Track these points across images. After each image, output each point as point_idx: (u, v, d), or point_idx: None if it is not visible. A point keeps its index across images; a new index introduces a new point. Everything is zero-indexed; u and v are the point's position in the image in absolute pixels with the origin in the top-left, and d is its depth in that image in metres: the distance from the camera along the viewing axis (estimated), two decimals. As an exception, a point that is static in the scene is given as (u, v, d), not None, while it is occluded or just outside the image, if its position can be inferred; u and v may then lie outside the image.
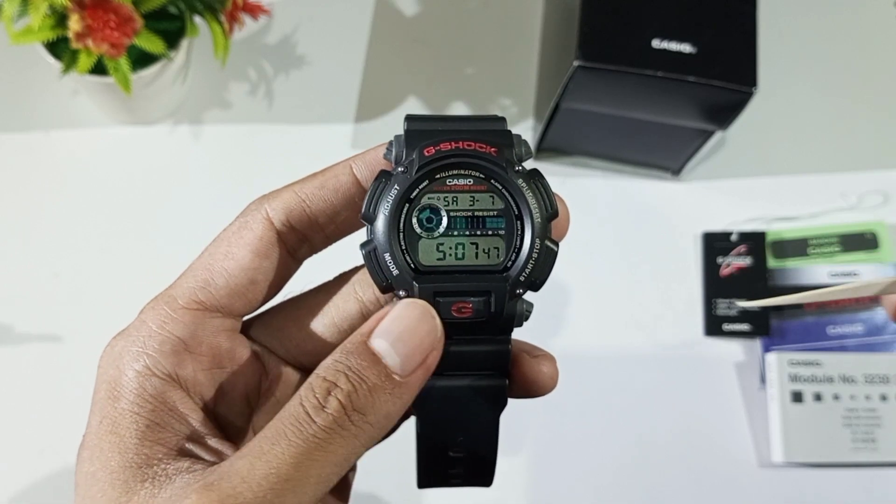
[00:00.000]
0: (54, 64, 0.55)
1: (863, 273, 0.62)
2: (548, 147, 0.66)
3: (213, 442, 0.26)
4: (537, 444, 0.59)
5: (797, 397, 0.58)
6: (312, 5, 0.69)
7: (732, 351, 0.62)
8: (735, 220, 0.64)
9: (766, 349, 0.60)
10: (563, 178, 0.66)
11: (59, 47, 0.55)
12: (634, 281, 0.63)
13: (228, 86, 0.66)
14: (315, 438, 0.22)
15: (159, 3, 0.54)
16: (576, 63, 0.55)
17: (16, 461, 0.56)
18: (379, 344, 0.23)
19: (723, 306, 0.62)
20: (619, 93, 0.57)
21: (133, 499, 0.23)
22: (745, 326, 0.61)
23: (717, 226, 0.65)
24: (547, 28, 0.71)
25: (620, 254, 0.64)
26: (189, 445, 0.25)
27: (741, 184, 0.66)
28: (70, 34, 0.51)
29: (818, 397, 0.58)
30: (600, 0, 0.57)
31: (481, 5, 0.71)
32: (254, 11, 0.58)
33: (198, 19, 0.57)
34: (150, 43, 0.54)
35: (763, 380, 0.60)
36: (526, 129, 0.67)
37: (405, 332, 0.23)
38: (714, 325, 0.62)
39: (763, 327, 0.61)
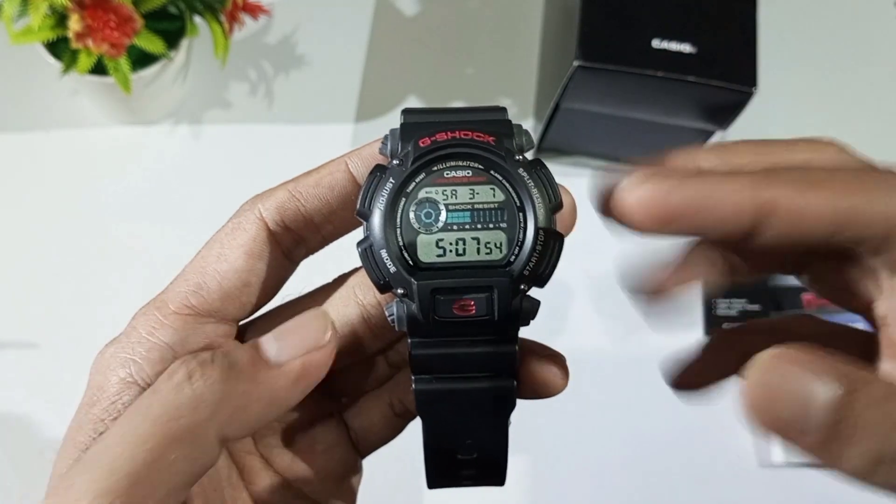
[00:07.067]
0: (54, 64, 0.55)
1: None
2: (548, 147, 0.66)
3: None
4: (537, 443, 0.59)
5: (797, 397, 0.58)
6: (312, 5, 0.69)
7: (732, 351, 0.62)
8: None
9: (766, 349, 0.61)
10: (563, 179, 0.65)
11: (59, 47, 0.55)
12: (634, 281, 0.63)
13: (228, 86, 0.66)
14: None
15: (159, 3, 0.54)
16: (576, 63, 0.54)
17: (16, 462, 0.56)
18: (264, 338, 0.24)
19: (723, 306, 0.62)
20: (619, 93, 0.57)
21: None
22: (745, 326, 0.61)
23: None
24: (547, 28, 0.71)
25: (620, 254, 0.64)
26: None
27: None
28: (70, 34, 0.51)
29: (818, 397, 0.58)
30: (600, 0, 0.57)
31: (481, 5, 0.71)
32: (254, 11, 0.58)
33: (198, 19, 0.57)
34: (150, 43, 0.54)
35: (763, 380, 0.60)
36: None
37: (289, 326, 0.24)
38: (714, 325, 0.62)
39: (763, 327, 0.61)
